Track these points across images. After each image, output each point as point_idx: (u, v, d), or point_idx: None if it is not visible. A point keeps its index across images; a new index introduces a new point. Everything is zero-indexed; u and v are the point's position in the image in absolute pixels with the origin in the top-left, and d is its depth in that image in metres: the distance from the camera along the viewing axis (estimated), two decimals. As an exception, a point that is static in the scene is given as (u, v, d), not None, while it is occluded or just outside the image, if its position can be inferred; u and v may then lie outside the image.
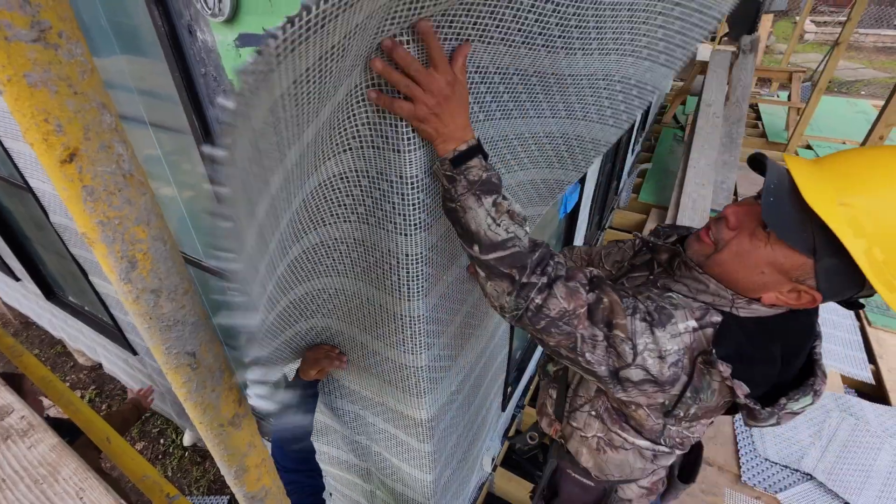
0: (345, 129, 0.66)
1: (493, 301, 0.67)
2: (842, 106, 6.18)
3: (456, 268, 0.93)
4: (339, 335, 1.04)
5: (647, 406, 0.72)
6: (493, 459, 1.82)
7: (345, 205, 0.77)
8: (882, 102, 6.40)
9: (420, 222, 0.73)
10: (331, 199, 0.76)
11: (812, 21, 11.36)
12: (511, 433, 2.09)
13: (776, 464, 1.90)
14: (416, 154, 0.65)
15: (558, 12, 0.64)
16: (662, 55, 0.75)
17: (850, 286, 0.59)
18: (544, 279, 0.64)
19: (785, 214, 0.58)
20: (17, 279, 2.52)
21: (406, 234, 0.74)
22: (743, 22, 8.84)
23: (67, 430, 1.33)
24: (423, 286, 0.81)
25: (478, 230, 0.63)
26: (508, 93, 0.75)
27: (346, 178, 0.73)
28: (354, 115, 0.64)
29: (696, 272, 0.70)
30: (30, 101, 0.21)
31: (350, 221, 0.79)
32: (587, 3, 0.65)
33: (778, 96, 6.51)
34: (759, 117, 5.91)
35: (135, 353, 2.05)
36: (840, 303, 0.64)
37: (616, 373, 0.65)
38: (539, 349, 2.27)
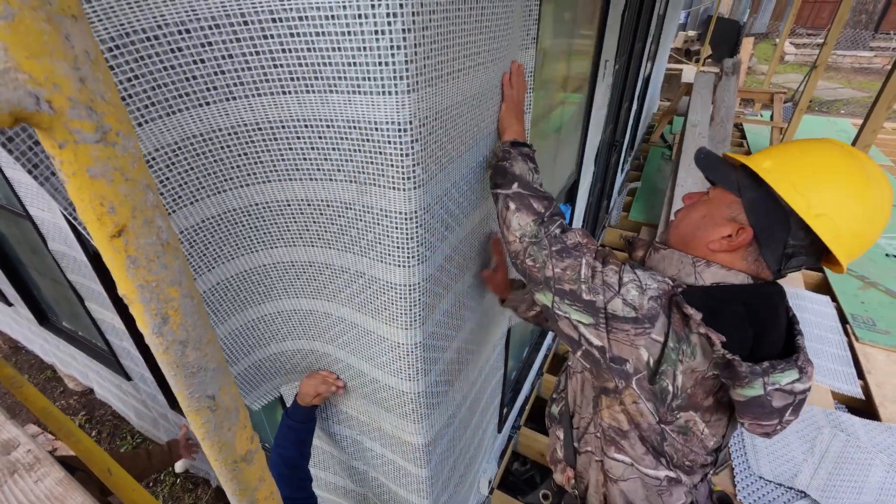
0: (349, 161, 0.70)
1: (514, 232, 0.81)
2: (823, 125, 6.39)
3: (452, 295, 0.96)
4: (337, 362, 1.06)
5: (635, 378, 0.73)
6: (489, 482, 1.81)
7: (350, 234, 0.80)
8: (861, 121, 6.61)
9: (419, 255, 0.76)
10: (338, 224, 0.80)
11: (791, 43, 11.77)
12: (507, 454, 2.09)
13: (770, 482, 1.92)
14: (415, 192, 0.69)
15: None
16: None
17: (776, 219, 0.70)
18: (561, 221, 0.81)
19: (713, 162, 0.79)
20: (10, 304, 2.50)
21: (404, 266, 0.77)
22: (725, 44, 9.10)
23: None
24: (420, 314, 0.84)
25: (521, 174, 0.84)
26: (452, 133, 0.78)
27: (351, 208, 0.76)
28: (359, 149, 0.68)
29: (663, 249, 0.82)
30: (89, 189, 0.24)
31: (353, 252, 0.83)
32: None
33: (761, 115, 6.71)
34: (743, 136, 6.07)
35: (129, 378, 2.04)
36: (786, 261, 0.72)
37: (605, 307, 0.72)
38: (533, 370, 2.29)
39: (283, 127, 0.69)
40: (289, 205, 0.81)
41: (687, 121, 4.49)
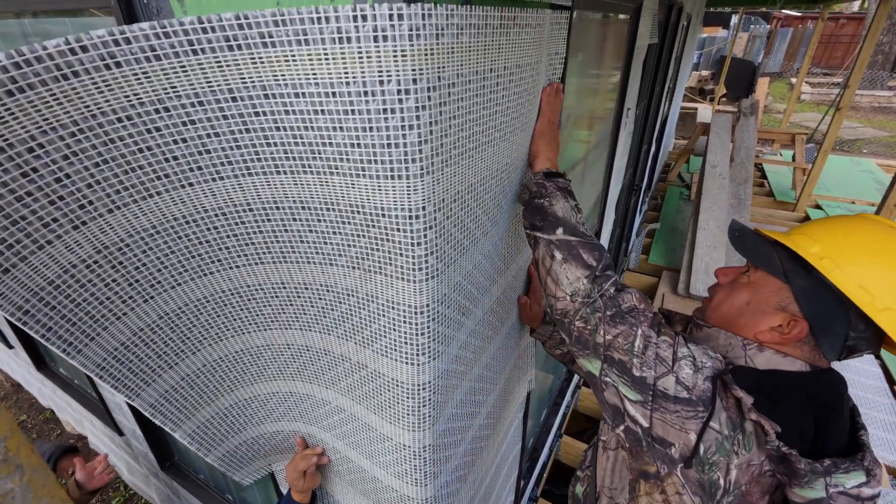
0: (352, 246, 0.61)
1: (564, 288, 0.70)
2: (846, 165, 6.22)
3: (468, 382, 0.84)
4: (335, 452, 0.93)
5: (681, 465, 0.63)
6: (504, 567, 1.62)
7: (351, 321, 0.70)
8: (885, 161, 6.42)
9: (430, 351, 0.65)
10: (339, 311, 0.70)
11: (807, 82, 11.78)
12: (524, 530, 1.88)
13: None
14: (427, 284, 0.59)
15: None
16: None
17: (834, 311, 0.62)
18: (615, 278, 0.71)
19: (751, 243, 0.71)
20: (11, 347, 2.44)
21: (413, 364, 0.66)
22: (740, 84, 9.10)
23: None
24: (430, 415, 0.72)
25: (565, 216, 0.73)
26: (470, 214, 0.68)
27: (353, 295, 0.67)
28: (363, 234, 0.58)
29: (706, 328, 0.75)
30: None
31: (354, 341, 0.72)
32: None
33: (780, 155, 6.58)
34: (764, 176, 5.94)
35: (121, 433, 1.93)
36: (847, 353, 0.65)
37: (654, 384, 0.64)
38: (552, 433, 2.11)
39: (278, 208, 0.60)
40: (284, 287, 0.71)
41: (706, 161, 4.40)
